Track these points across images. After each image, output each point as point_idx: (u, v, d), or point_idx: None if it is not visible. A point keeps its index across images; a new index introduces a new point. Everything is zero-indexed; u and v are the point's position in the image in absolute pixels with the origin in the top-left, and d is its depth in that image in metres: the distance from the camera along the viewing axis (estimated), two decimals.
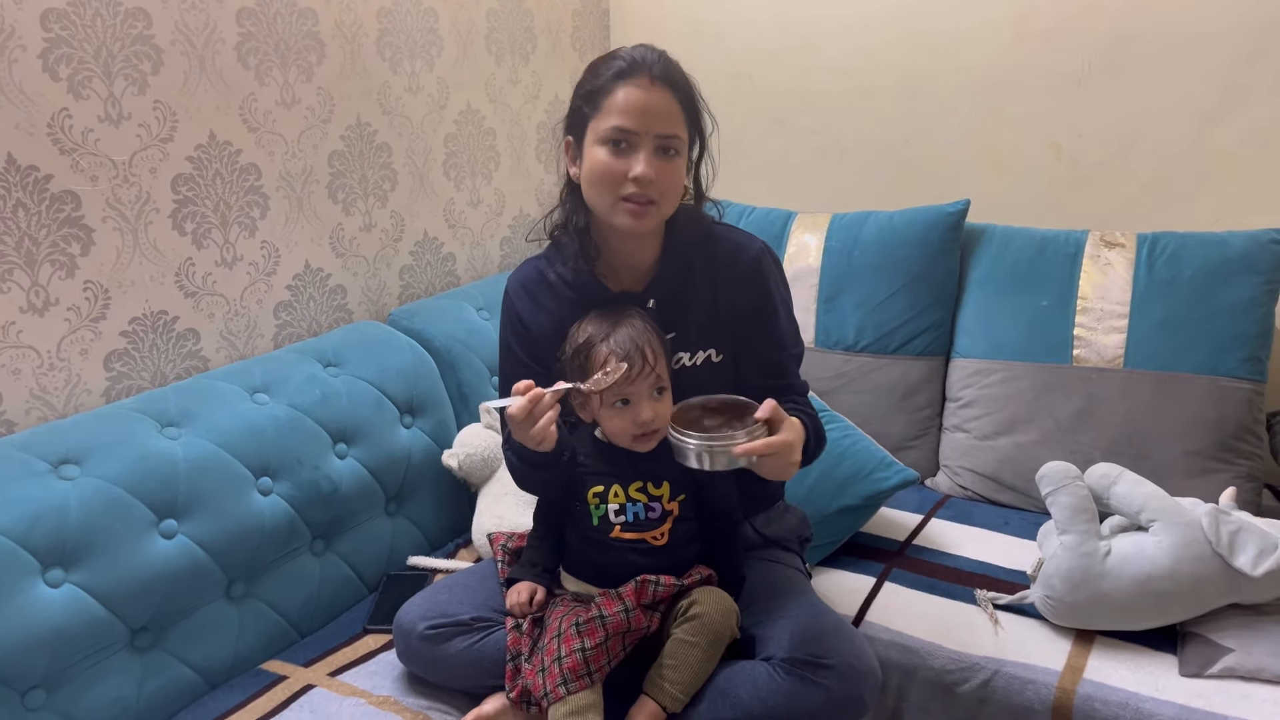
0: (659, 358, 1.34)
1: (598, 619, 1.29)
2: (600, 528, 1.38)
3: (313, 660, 1.56)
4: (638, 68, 1.32)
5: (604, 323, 1.36)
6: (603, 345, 1.33)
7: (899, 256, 2.13)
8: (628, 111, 1.31)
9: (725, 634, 1.34)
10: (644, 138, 1.31)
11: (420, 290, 2.24)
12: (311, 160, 1.92)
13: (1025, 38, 2.18)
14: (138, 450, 1.49)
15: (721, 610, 1.34)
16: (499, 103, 2.38)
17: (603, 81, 1.34)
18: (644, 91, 1.32)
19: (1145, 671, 1.48)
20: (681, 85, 1.35)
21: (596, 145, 1.34)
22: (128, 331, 1.66)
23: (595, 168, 1.34)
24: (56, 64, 1.50)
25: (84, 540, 1.39)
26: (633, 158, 1.32)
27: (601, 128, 1.33)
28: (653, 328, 1.37)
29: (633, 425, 1.33)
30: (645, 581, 1.33)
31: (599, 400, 1.34)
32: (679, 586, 1.35)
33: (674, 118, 1.33)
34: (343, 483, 1.72)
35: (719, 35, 2.54)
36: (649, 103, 1.31)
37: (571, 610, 1.34)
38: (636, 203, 1.33)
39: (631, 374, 1.30)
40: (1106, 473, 1.61)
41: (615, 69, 1.33)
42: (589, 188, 1.37)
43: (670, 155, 1.34)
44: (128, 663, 1.43)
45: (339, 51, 1.94)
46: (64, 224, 1.54)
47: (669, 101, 1.33)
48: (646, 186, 1.31)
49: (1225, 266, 1.87)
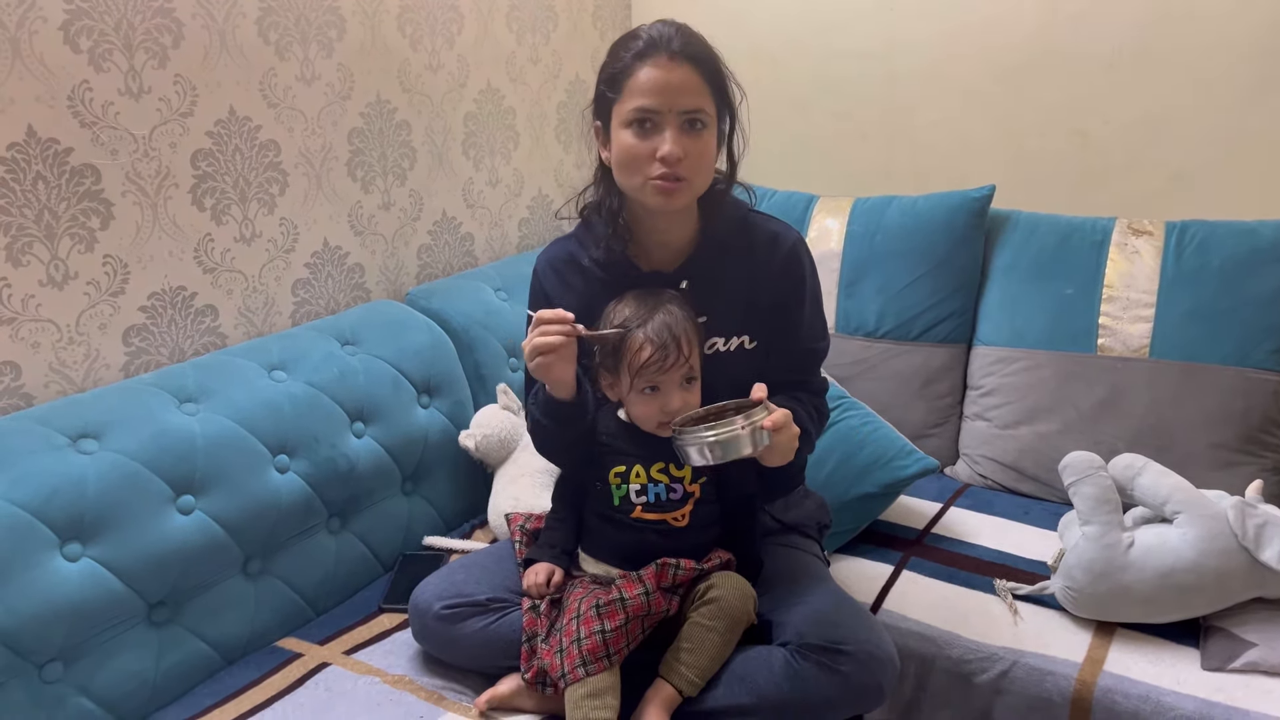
0: (693, 348, 1.34)
1: (618, 601, 1.29)
2: (621, 508, 1.38)
3: (328, 638, 1.56)
4: (656, 46, 1.30)
5: (642, 307, 1.35)
6: (639, 331, 1.32)
7: (922, 242, 2.11)
8: (649, 91, 1.29)
9: (743, 619, 1.33)
10: (668, 115, 1.30)
11: (438, 270, 2.23)
12: (331, 137, 1.91)
13: (1053, 22, 2.14)
14: (156, 425, 1.49)
15: (739, 595, 1.33)
16: (519, 81, 2.36)
17: (623, 64, 1.32)
18: (663, 70, 1.29)
19: (1166, 664, 1.47)
20: (704, 58, 1.32)
21: (622, 128, 1.33)
22: (146, 306, 1.65)
23: (623, 150, 1.33)
24: (77, 36, 1.49)
25: (102, 514, 1.39)
26: (658, 137, 1.30)
27: (625, 110, 1.32)
28: (689, 316, 1.36)
29: (660, 413, 1.33)
30: (666, 564, 1.32)
31: (628, 384, 1.34)
32: (699, 570, 1.34)
33: (697, 91, 1.31)
34: (359, 461, 1.72)
35: (742, 15, 2.51)
36: (669, 80, 1.29)
37: (591, 592, 1.33)
38: (666, 181, 1.31)
39: (665, 364, 1.30)
40: (1131, 463, 1.59)
41: (634, 49, 1.31)
42: (619, 171, 1.36)
43: (698, 130, 1.32)
44: (145, 637, 1.43)
45: (359, 28, 1.93)
46: (84, 197, 1.53)
47: (691, 76, 1.30)
48: (675, 164, 1.30)
49: (1255, 256, 1.84)
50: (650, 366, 1.31)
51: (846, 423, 1.84)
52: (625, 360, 1.33)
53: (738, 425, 1.20)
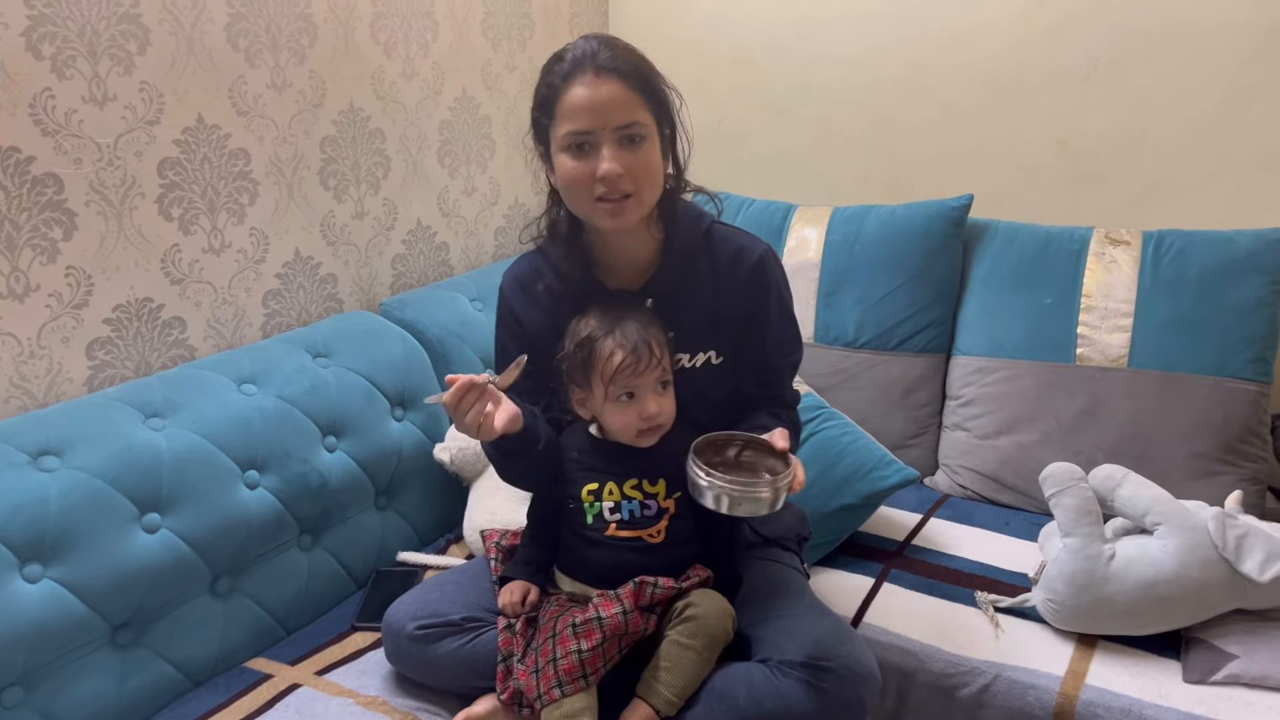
0: (664, 352, 1.33)
1: (595, 620, 1.26)
2: (595, 526, 1.35)
3: (299, 658, 1.52)
4: (580, 64, 1.27)
5: (606, 317, 1.33)
6: (607, 340, 1.30)
7: (901, 251, 2.10)
8: (578, 112, 1.26)
9: (721, 637, 1.31)
10: (603, 134, 1.26)
11: (413, 280, 2.20)
12: (303, 145, 1.88)
13: (1031, 32, 2.14)
14: (120, 442, 1.46)
15: (718, 613, 1.31)
16: (495, 89, 2.33)
17: (551, 87, 1.29)
18: (590, 88, 1.26)
19: (1148, 677, 1.46)
20: (631, 70, 1.28)
21: (560, 152, 1.30)
22: (111, 319, 1.61)
23: (564, 176, 1.30)
24: (39, 42, 1.45)
25: (64, 534, 1.35)
26: (596, 157, 1.27)
27: (560, 134, 1.29)
28: (656, 322, 1.35)
29: (638, 420, 1.31)
30: (644, 583, 1.30)
31: (602, 395, 1.32)
32: (677, 589, 1.32)
33: (629, 105, 1.27)
34: (332, 476, 1.69)
35: (721, 22, 2.48)
36: (596, 98, 1.26)
37: (567, 610, 1.31)
38: (611, 200, 1.28)
39: (639, 367, 1.29)
40: (1111, 474, 1.58)
41: (560, 71, 1.28)
42: (566, 196, 1.34)
43: (636, 144, 1.28)
44: (108, 660, 1.39)
45: (332, 34, 1.90)
46: (46, 207, 1.50)
47: (619, 90, 1.26)
48: (617, 182, 1.27)
49: (1232, 266, 1.85)
50: (624, 371, 1.29)
51: (826, 433, 1.82)
52: (596, 370, 1.31)
53: (762, 491, 1.20)
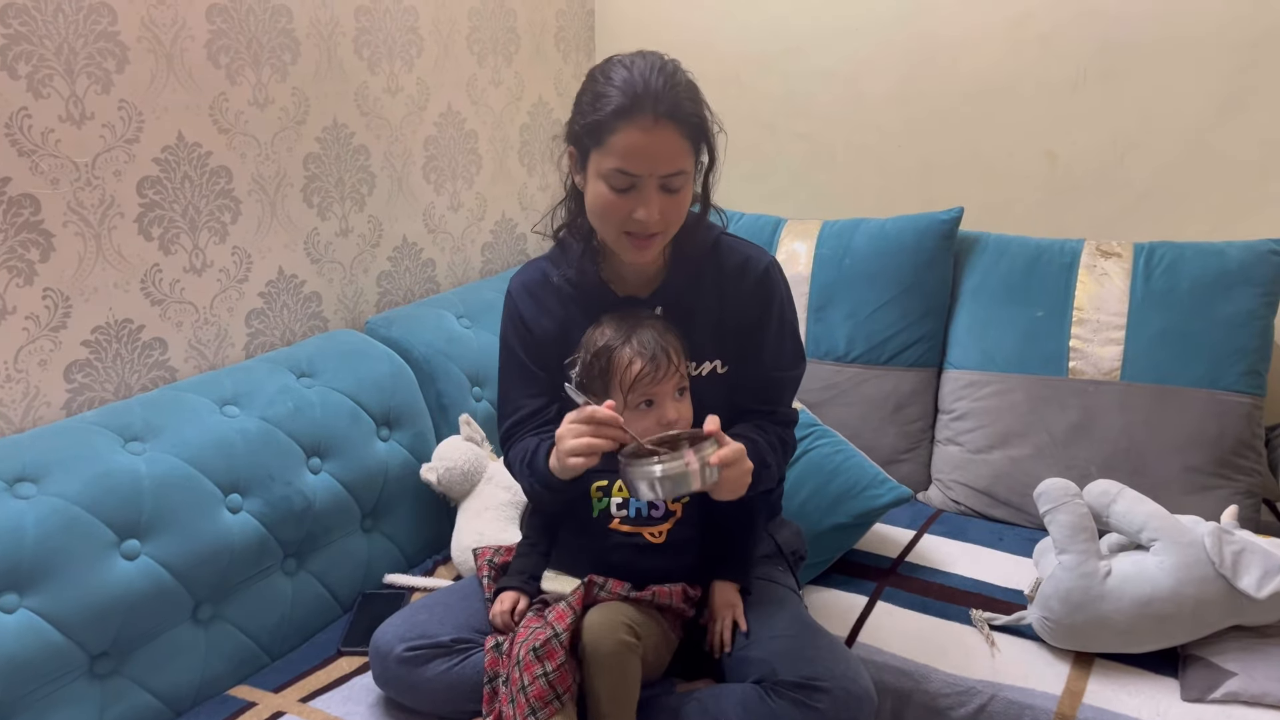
0: (681, 359, 1.35)
1: (554, 638, 1.25)
2: (600, 519, 1.37)
3: (283, 685, 1.49)
4: (640, 105, 1.24)
5: (622, 326, 1.35)
6: (625, 348, 1.32)
7: (891, 265, 2.09)
8: (630, 155, 1.26)
9: (622, 650, 1.26)
10: (648, 179, 1.27)
11: (399, 297, 2.18)
12: (285, 163, 1.85)
13: (1020, 43, 2.14)
14: (99, 467, 1.43)
15: (609, 630, 1.27)
16: (481, 104, 2.32)
17: (603, 117, 1.26)
18: (647, 134, 1.25)
19: (1146, 696, 1.44)
20: (688, 116, 1.28)
21: (599, 178, 1.30)
22: (90, 341, 1.59)
23: (598, 201, 1.31)
24: (15, 61, 1.43)
25: (40, 562, 1.32)
26: (636, 196, 1.28)
27: (604, 167, 1.28)
28: (672, 329, 1.37)
29: (657, 426, 1.33)
30: (591, 583, 1.31)
31: (621, 403, 1.32)
32: (624, 595, 1.32)
33: (680, 155, 1.28)
34: (316, 499, 1.66)
35: (707, 37, 2.48)
36: (650, 145, 1.25)
37: (532, 633, 1.28)
38: (639, 238, 1.31)
39: (658, 375, 1.30)
40: (1106, 490, 1.57)
41: (616, 104, 1.25)
42: (593, 216, 1.35)
43: (676, 190, 1.30)
44: (87, 690, 1.36)
45: (314, 50, 1.88)
46: (22, 229, 1.47)
47: (674, 138, 1.26)
48: (650, 225, 1.29)
49: (1224, 278, 1.84)
50: (643, 379, 1.31)
51: (818, 451, 1.80)
52: (615, 379, 1.33)
53: (685, 460, 1.18)
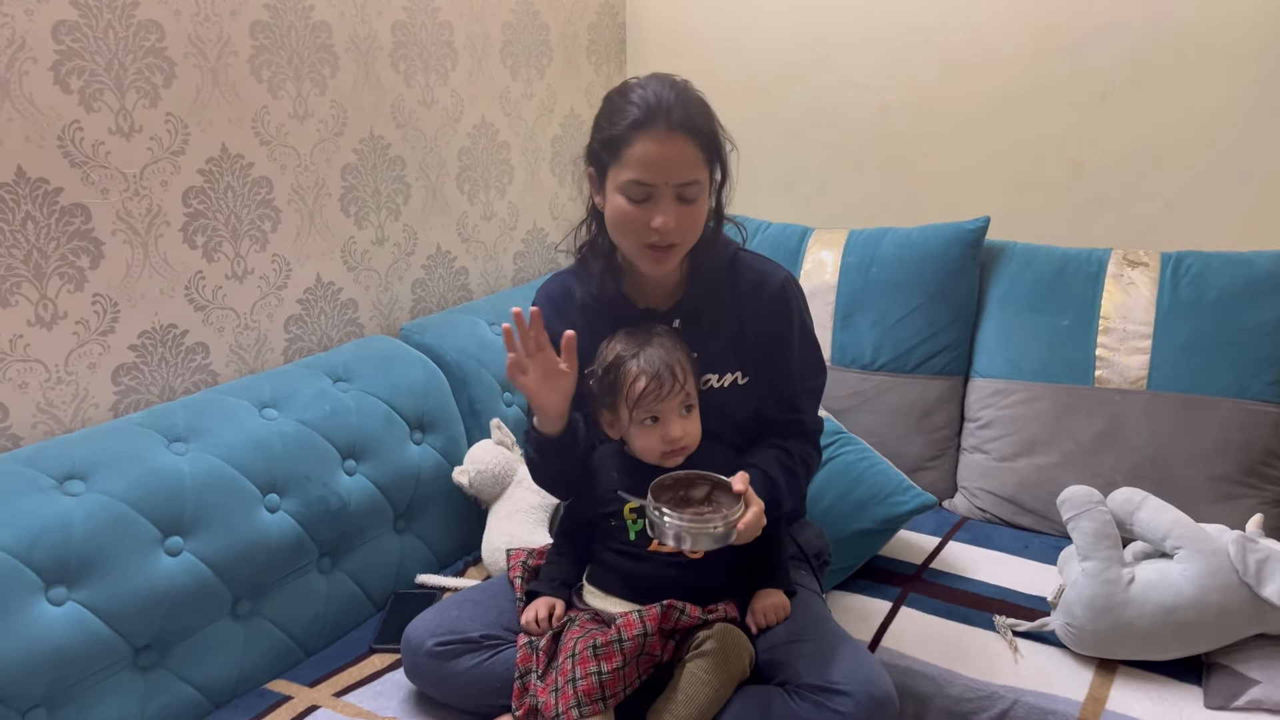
0: (688, 376, 1.36)
1: (616, 643, 1.26)
2: (638, 542, 1.38)
3: (318, 680, 1.53)
4: (654, 117, 1.30)
5: (633, 341, 1.38)
6: (632, 363, 1.35)
7: (917, 274, 2.10)
8: (646, 165, 1.30)
9: (738, 675, 1.32)
10: (663, 189, 1.31)
11: (432, 304, 2.22)
12: (324, 173, 1.91)
13: (1047, 53, 2.15)
14: (144, 466, 1.48)
15: (737, 651, 1.32)
16: (513, 116, 2.36)
17: (620, 131, 1.32)
18: (661, 144, 1.30)
19: (1169, 703, 1.44)
20: (700, 127, 1.33)
21: (617, 192, 1.34)
22: (136, 345, 1.64)
23: (617, 215, 1.35)
24: (68, 76, 1.49)
25: (88, 557, 1.37)
26: (652, 207, 1.32)
27: (621, 179, 1.33)
28: (681, 346, 1.39)
29: (662, 442, 1.35)
30: (671, 607, 1.31)
31: (628, 418, 1.35)
32: (703, 619, 1.33)
33: (693, 164, 1.32)
34: (351, 500, 1.70)
35: (736, 48, 2.51)
36: (666, 154, 1.30)
37: (588, 632, 1.31)
38: (658, 249, 1.35)
39: (661, 392, 1.33)
40: (1130, 498, 1.57)
41: (631, 117, 1.31)
42: (612, 230, 1.39)
43: (691, 199, 1.34)
44: (130, 682, 1.41)
45: (353, 64, 1.93)
46: (73, 237, 1.53)
47: (687, 148, 1.31)
48: (668, 234, 1.33)
49: (1252, 287, 1.83)
50: (648, 396, 1.33)
51: (843, 458, 1.82)
52: (622, 394, 1.35)
53: (712, 527, 1.24)
